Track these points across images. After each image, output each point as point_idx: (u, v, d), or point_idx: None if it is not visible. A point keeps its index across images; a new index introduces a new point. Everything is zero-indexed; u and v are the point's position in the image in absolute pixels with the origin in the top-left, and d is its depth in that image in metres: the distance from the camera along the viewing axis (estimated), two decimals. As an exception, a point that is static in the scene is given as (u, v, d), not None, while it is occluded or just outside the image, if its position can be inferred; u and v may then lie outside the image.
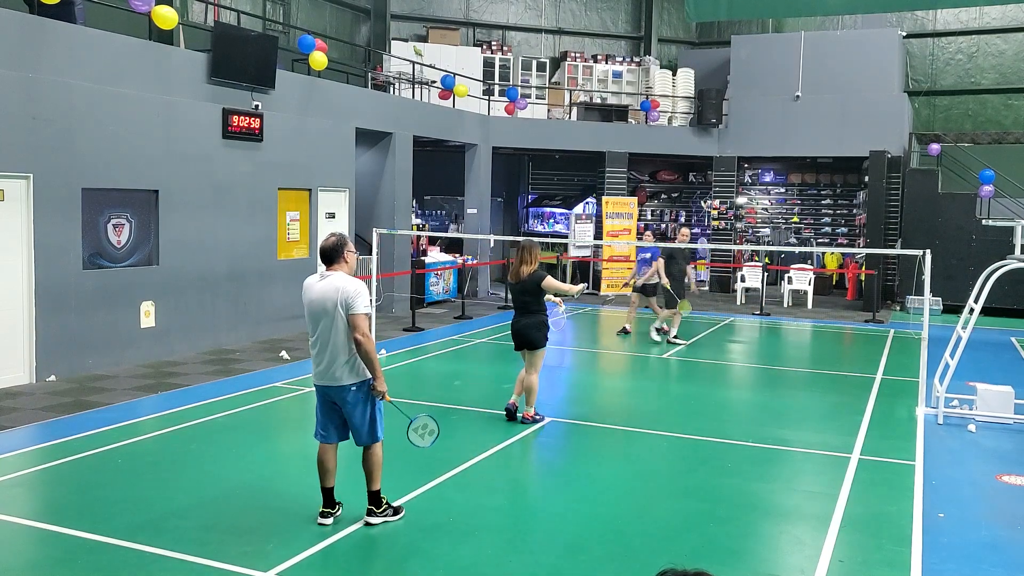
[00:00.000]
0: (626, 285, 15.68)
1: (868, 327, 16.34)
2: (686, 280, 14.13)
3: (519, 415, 8.72)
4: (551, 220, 23.29)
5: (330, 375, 5.81)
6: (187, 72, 11.98)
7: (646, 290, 14.28)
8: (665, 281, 13.71)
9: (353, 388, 5.82)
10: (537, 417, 8.72)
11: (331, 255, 5.89)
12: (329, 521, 6.07)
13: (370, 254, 12.98)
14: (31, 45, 9.90)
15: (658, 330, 14.30)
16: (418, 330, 14.52)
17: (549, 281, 8.54)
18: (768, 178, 23.17)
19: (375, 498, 6.02)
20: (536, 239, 9.41)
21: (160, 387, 10.04)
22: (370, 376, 5.81)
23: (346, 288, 5.72)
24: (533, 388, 8.67)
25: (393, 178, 16.74)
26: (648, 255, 14.29)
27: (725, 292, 21.55)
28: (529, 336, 8.50)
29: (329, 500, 6.12)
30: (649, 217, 24.18)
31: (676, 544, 5.83)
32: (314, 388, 6.01)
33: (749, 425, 9.02)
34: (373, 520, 5.98)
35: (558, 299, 8.89)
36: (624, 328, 14.64)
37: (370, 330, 5.85)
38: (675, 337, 13.98)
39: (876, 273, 18.03)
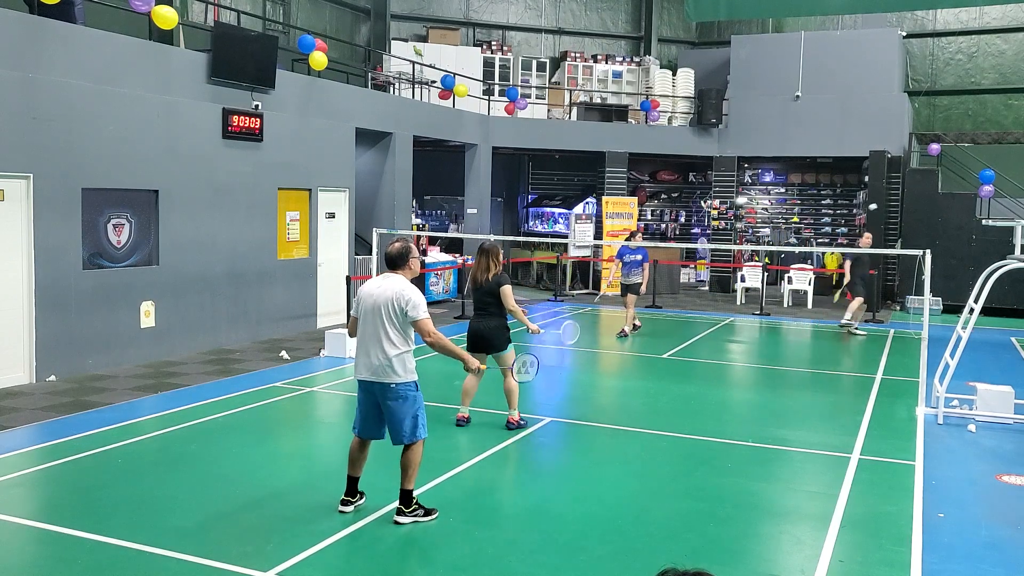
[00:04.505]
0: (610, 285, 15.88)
1: (868, 327, 16.33)
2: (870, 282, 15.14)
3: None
4: (551, 220, 23.29)
5: (374, 371, 5.91)
6: (187, 72, 11.98)
7: (631, 289, 14.53)
8: (644, 285, 14.79)
9: (393, 386, 5.88)
10: (522, 422, 8.49)
11: (396, 261, 6.08)
12: (349, 509, 6.12)
13: (370, 254, 12.97)
14: (31, 45, 9.90)
15: (843, 325, 15.31)
16: (418, 330, 14.48)
17: (507, 294, 8.31)
18: (768, 178, 23.17)
19: (406, 497, 6.01)
20: (533, 238, 9.33)
21: (160, 387, 10.04)
22: (414, 378, 5.96)
23: (405, 293, 5.87)
24: (513, 390, 8.41)
25: (393, 178, 16.74)
26: (639, 256, 14.40)
27: (725, 292, 21.55)
28: (492, 340, 8.34)
29: (352, 489, 6.17)
30: (649, 217, 24.19)
31: (676, 544, 5.83)
32: (357, 383, 6.08)
33: (749, 425, 9.02)
34: (402, 520, 5.97)
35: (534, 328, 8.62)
36: (623, 331, 14.61)
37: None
38: (857, 328, 15.28)
39: (876, 273, 18.02)
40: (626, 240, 15.91)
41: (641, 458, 7.86)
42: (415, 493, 6.11)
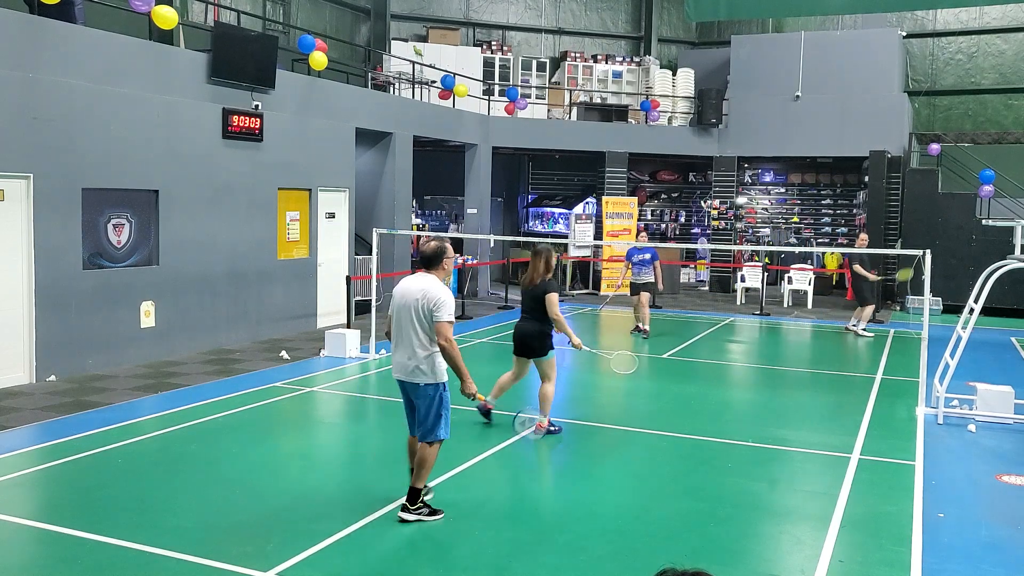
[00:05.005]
0: (620, 287, 15.79)
1: (868, 327, 16.32)
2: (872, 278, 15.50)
3: (530, 428, 8.40)
4: (551, 220, 23.29)
5: (405, 372, 6.01)
6: (187, 72, 11.98)
7: (644, 288, 14.55)
8: (660, 283, 14.73)
9: (422, 386, 5.98)
10: (552, 428, 8.40)
11: (431, 261, 6.12)
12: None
13: (370, 254, 12.98)
14: (31, 45, 9.90)
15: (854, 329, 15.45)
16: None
17: (552, 302, 8.18)
18: (768, 178, 23.17)
19: (413, 495, 6.05)
20: (533, 238, 9.31)
21: (160, 387, 10.04)
22: (442, 380, 6.00)
23: (432, 294, 5.92)
24: (548, 397, 8.34)
25: (393, 178, 16.74)
26: (648, 255, 14.44)
27: (725, 292, 21.55)
28: (532, 345, 8.31)
29: None
30: (649, 217, 24.19)
31: (676, 544, 5.83)
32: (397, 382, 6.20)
33: (749, 425, 9.02)
34: (406, 516, 6.01)
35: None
36: (638, 327, 14.65)
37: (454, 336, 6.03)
38: (864, 329, 15.32)
39: (876, 273, 18.01)
40: (636, 239, 15.94)
41: (641, 458, 7.86)
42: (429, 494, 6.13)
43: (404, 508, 6.03)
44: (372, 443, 8.46)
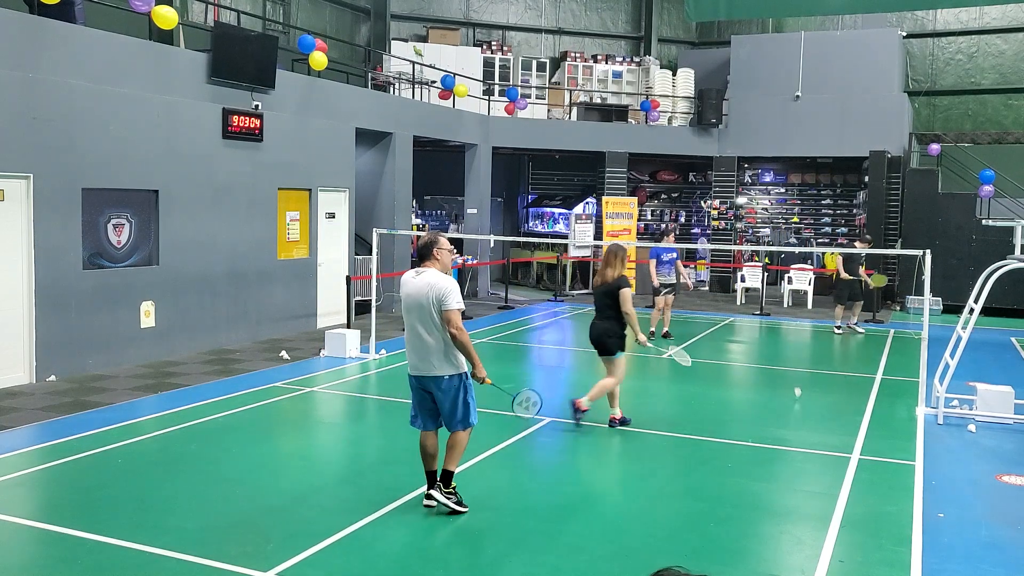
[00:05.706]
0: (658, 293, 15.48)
1: (868, 327, 16.34)
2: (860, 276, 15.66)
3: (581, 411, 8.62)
4: (551, 220, 23.29)
5: (425, 366, 6.07)
6: (187, 72, 11.98)
7: (673, 289, 14.60)
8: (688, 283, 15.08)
9: (446, 378, 6.06)
10: (577, 416, 8.55)
11: (424, 252, 6.23)
12: (433, 504, 6.21)
13: (370, 254, 12.98)
14: (31, 45, 9.90)
15: (838, 327, 15.72)
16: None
17: (626, 297, 8.38)
18: (768, 178, 23.16)
19: (448, 477, 6.18)
20: (533, 238, 9.37)
21: (160, 387, 10.04)
22: (463, 370, 6.10)
23: (438, 285, 6.01)
24: (605, 388, 8.51)
25: (393, 178, 16.74)
26: (674, 254, 14.46)
27: (725, 292, 21.55)
28: (604, 343, 8.51)
29: (432, 483, 6.27)
30: (649, 217, 24.19)
31: (676, 544, 5.83)
32: (408, 378, 6.25)
33: (749, 425, 9.02)
34: (438, 496, 6.12)
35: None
36: (652, 331, 14.62)
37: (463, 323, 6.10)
38: (836, 327, 15.62)
39: (873, 273, 18.01)
40: (656, 241, 15.96)
41: (641, 458, 7.86)
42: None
43: (438, 488, 6.13)
44: (372, 443, 8.47)
